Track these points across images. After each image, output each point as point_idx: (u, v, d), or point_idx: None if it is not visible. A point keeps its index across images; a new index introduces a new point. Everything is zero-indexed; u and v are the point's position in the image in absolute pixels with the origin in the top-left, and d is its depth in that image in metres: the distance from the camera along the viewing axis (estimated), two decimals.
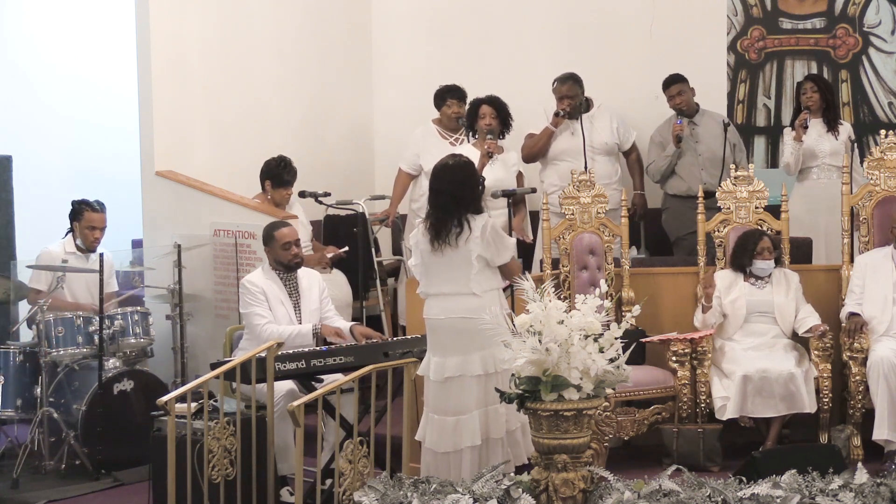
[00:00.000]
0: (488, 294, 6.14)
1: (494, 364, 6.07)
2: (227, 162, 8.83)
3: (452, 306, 6.14)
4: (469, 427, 6.11)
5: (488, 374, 6.13)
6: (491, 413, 6.16)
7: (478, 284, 6.12)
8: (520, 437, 6.25)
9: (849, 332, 7.09)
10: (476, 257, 6.11)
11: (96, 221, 7.88)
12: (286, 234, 7.15)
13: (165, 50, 8.52)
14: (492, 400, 6.09)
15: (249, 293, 7.04)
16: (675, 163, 8.56)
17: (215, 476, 6.14)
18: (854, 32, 9.07)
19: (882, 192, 7.51)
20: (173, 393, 6.20)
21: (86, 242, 7.88)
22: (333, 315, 7.28)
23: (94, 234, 7.86)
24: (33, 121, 9.80)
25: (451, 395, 6.13)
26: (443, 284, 6.18)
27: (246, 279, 7.13)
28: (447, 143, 8.67)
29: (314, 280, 7.31)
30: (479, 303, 6.08)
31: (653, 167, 8.67)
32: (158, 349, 8.01)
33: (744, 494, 5.50)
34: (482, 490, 5.51)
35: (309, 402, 5.92)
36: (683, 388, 7.15)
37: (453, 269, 6.14)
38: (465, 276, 6.12)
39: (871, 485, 5.62)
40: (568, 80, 8.59)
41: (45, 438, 7.35)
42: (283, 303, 7.10)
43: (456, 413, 6.13)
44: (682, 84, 8.60)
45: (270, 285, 7.09)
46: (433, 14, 9.84)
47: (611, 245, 7.64)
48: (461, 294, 6.13)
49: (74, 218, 7.90)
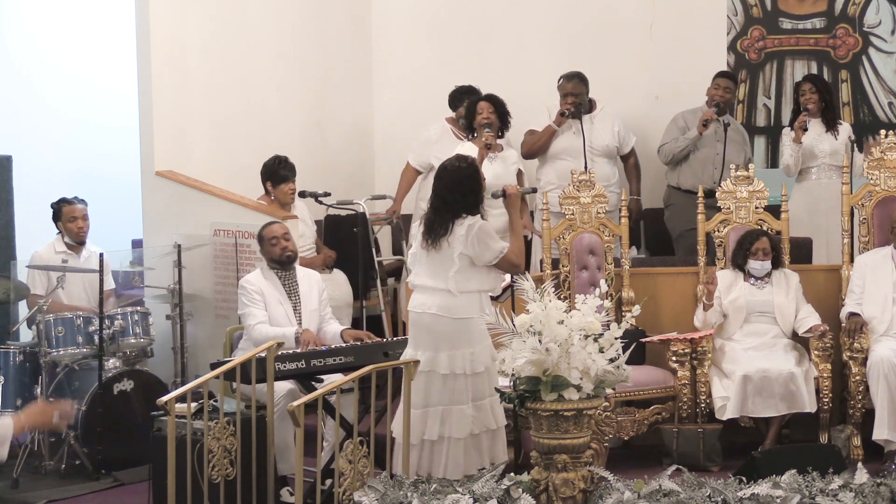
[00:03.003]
0: (465, 296, 6.13)
1: (464, 365, 6.10)
2: (227, 162, 8.83)
3: (428, 301, 6.17)
4: (430, 420, 6.14)
5: (455, 374, 6.13)
6: (455, 413, 6.15)
7: (456, 284, 6.11)
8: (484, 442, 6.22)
9: (849, 332, 7.10)
10: (458, 255, 6.11)
11: (76, 212, 7.96)
12: (273, 229, 7.20)
13: (165, 50, 8.51)
14: (456, 400, 6.12)
15: (247, 293, 7.06)
16: (692, 150, 8.53)
17: (215, 476, 6.14)
18: (854, 32, 9.08)
19: (882, 192, 7.51)
20: (173, 393, 6.19)
21: (72, 235, 7.94)
22: (330, 318, 7.29)
23: (76, 224, 7.93)
24: (33, 121, 9.79)
25: (419, 388, 6.14)
26: (426, 278, 6.22)
27: (244, 279, 7.15)
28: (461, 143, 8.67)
29: (314, 281, 7.31)
30: (453, 302, 6.10)
31: (667, 147, 8.62)
32: (158, 349, 8.01)
33: (744, 494, 5.51)
34: (482, 490, 5.51)
35: (309, 402, 5.91)
36: (683, 388, 7.15)
37: (436, 266, 6.17)
38: (445, 273, 6.13)
39: (871, 485, 5.63)
40: (574, 77, 8.60)
41: (45, 438, 7.35)
42: (282, 303, 7.10)
43: (423, 406, 6.16)
44: (732, 82, 8.63)
45: (268, 286, 7.10)
46: (433, 14, 9.83)
47: (611, 245, 7.65)
48: (439, 290, 6.15)
49: (57, 218, 7.99)
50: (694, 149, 8.54)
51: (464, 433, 6.15)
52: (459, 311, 6.10)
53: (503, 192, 6.49)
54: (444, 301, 6.13)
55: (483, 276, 6.20)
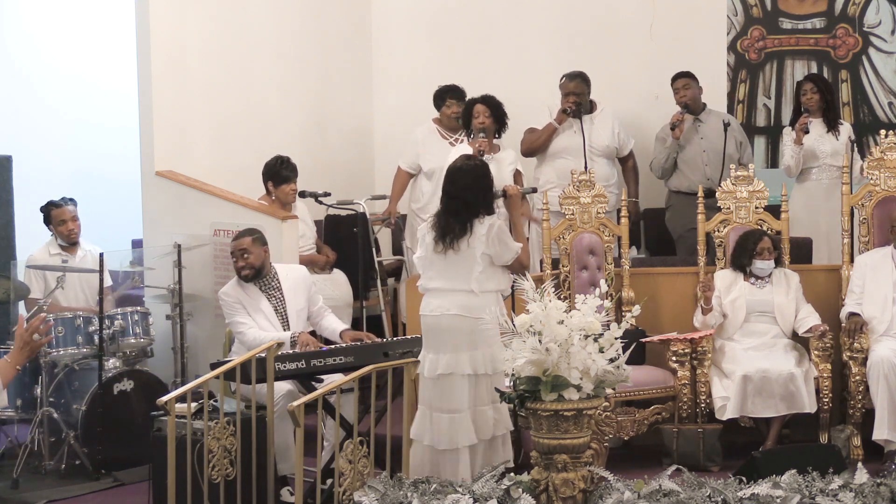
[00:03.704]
0: (486, 295, 6.11)
1: (485, 365, 6.07)
2: (227, 162, 8.83)
3: (448, 303, 6.12)
4: (464, 426, 6.09)
5: (478, 374, 6.09)
6: (479, 414, 6.13)
7: (478, 284, 6.09)
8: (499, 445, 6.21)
9: (849, 332, 7.09)
10: (481, 255, 6.08)
11: (65, 214, 8.01)
12: (233, 245, 7.19)
13: (165, 50, 8.51)
14: (480, 402, 6.09)
15: (227, 304, 7.10)
16: (675, 156, 8.56)
17: (215, 476, 6.14)
18: (854, 32, 9.08)
19: (882, 192, 7.51)
20: (173, 393, 6.19)
21: (63, 237, 8.00)
22: (326, 312, 7.27)
23: (66, 226, 7.99)
24: (33, 121, 9.80)
25: (443, 392, 6.11)
26: (442, 280, 6.16)
27: (221, 292, 7.18)
28: (447, 143, 8.67)
29: (300, 279, 7.28)
30: (475, 301, 6.07)
31: (654, 162, 8.68)
32: (158, 349, 8.01)
33: (744, 494, 5.51)
34: (482, 490, 5.52)
35: (309, 402, 5.92)
36: (683, 388, 7.15)
37: (455, 267, 6.12)
38: (468, 273, 6.09)
39: (871, 485, 5.63)
40: (576, 77, 8.61)
41: (45, 438, 7.35)
42: (262, 309, 7.09)
43: (450, 411, 6.11)
44: (688, 79, 8.63)
45: (245, 295, 7.10)
46: (433, 14, 9.84)
47: (611, 245, 7.65)
48: (459, 291, 6.10)
49: (48, 221, 8.04)
50: (678, 152, 8.56)
51: (488, 435, 6.14)
52: (480, 310, 6.02)
53: (503, 193, 6.48)
54: (464, 301, 6.08)
55: (500, 275, 6.18)
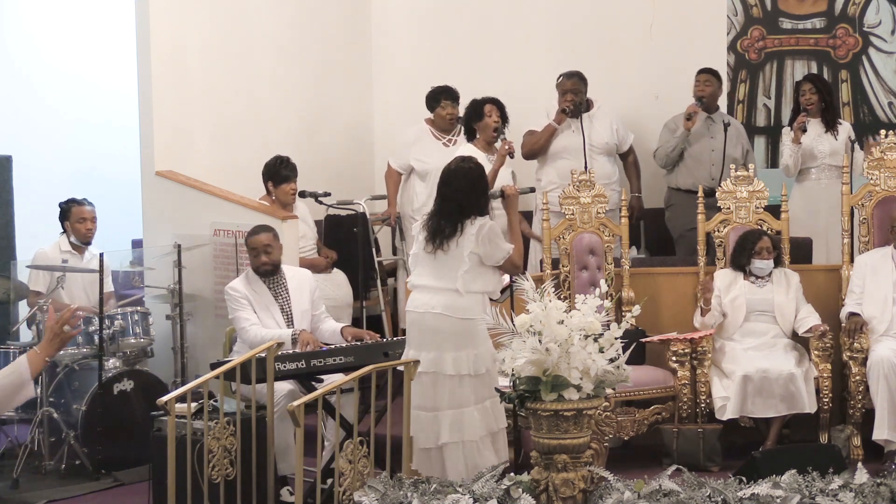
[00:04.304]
0: (472, 296, 6.11)
1: (469, 367, 6.08)
2: (227, 162, 8.83)
3: (433, 301, 6.13)
4: (445, 424, 6.11)
5: (461, 375, 6.10)
6: (466, 415, 6.13)
7: (464, 283, 6.09)
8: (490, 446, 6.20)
9: (849, 332, 7.10)
10: (468, 254, 6.09)
11: (85, 213, 7.99)
12: (256, 240, 7.15)
13: (165, 50, 8.52)
14: (465, 402, 6.10)
15: (233, 300, 7.07)
16: (683, 148, 8.53)
17: (215, 476, 6.13)
18: (854, 32, 9.08)
19: (882, 192, 7.51)
20: (173, 393, 6.19)
21: (79, 236, 7.96)
22: (326, 316, 7.28)
23: (85, 225, 7.96)
24: (33, 121, 9.81)
25: (425, 389, 6.12)
26: (430, 278, 6.18)
27: (228, 286, 7.15)
28: (440, 143, 8.69)
29: (305, 280, 7.29)
30: (460, 302, 6.08)
31: (660, 150, 8.63)
32: (158, 349, 8.01)
33: (744, 494, 5.50)
34: (482, 490, 5.51)
35: (309, 402, 5.91)
36: (683, 388, 7.15)
37: (444, 267, 6.13)
38: (454, 272, 6.10)
39: (871, 485, 5.62)
40: (573, 76, 8.61)
41: (45, 438, 7.35)
42: (269, 307, 7.08)
43: (433, 409, 6.13)
44: (712, 76, 8.63)
45: (253, 291, 7.09)
46: (432, 14, 9.84)
47: (611, 245, 7.65)
48: (445, 290, 6.11)
49: (65, 218, 8.00)
50: (686, 145, 8.54)
51: (475, 436, 6.14)
52: (464, 311, 6.07)
53: (502, 193, 6.47)
54: (449, 301, 6.10)
55: (488, 276, 6.19)
